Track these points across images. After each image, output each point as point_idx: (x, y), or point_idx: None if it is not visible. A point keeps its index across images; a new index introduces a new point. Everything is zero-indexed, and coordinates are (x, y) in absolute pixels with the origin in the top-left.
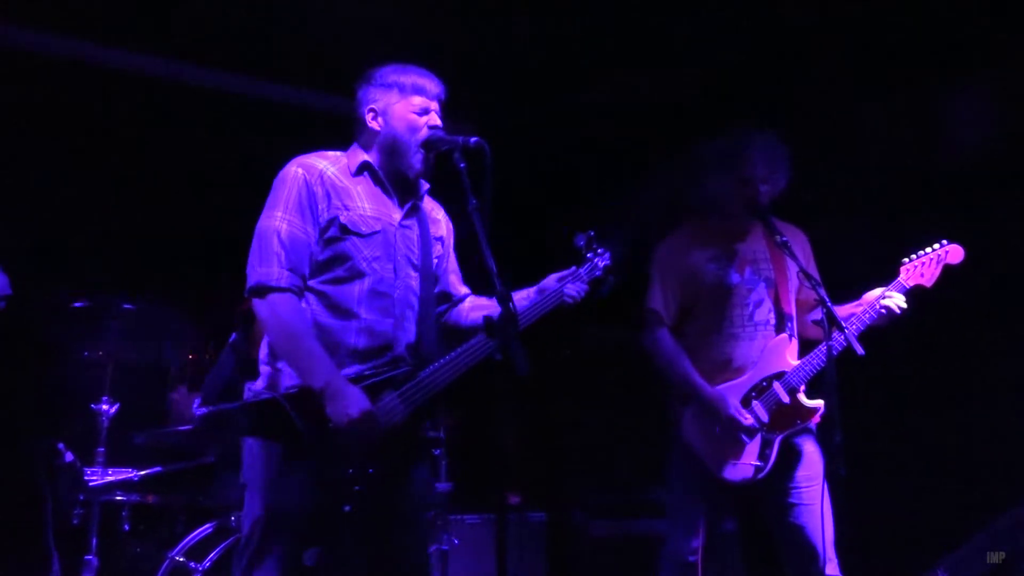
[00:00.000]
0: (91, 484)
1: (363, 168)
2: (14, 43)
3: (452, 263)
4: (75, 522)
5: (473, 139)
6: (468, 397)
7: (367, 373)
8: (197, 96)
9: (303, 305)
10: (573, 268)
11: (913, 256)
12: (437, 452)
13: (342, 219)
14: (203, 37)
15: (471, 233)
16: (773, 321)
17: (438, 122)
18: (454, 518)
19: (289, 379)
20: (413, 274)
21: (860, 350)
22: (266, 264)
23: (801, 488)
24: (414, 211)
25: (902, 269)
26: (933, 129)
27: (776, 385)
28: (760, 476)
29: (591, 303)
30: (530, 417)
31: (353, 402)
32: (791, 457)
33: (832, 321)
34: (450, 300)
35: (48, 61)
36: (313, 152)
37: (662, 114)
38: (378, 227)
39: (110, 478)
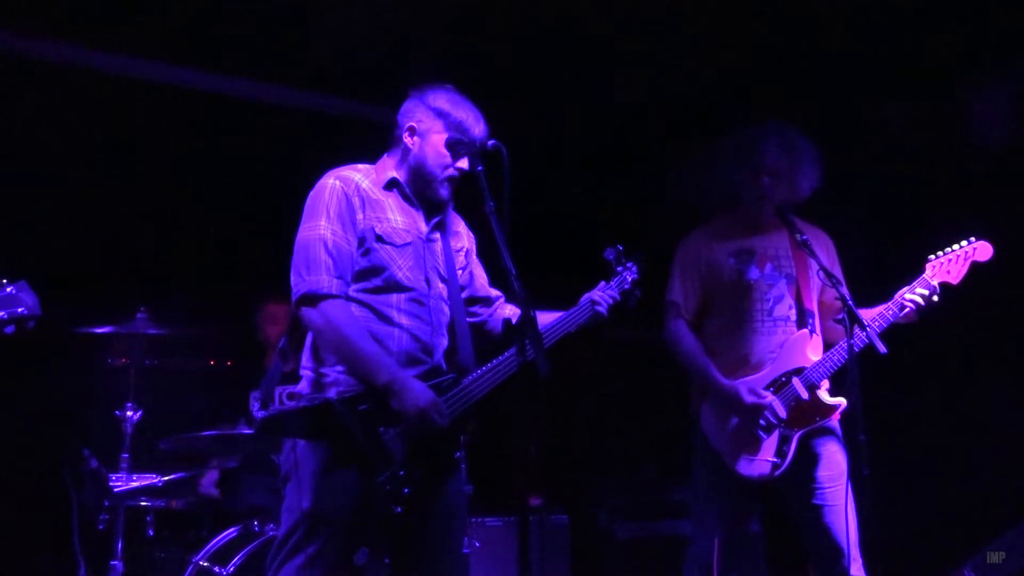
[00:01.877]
0: (116, 490)
1: (392, 184)
2: (40, 56)
3: (479, 270)
4: (100, 527)
5: (491, 142)
6: (489, 399)
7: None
8: (216, 106)
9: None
10: (603, 283)
11: (940, 253)
12: (457, 455)
13: (378, 230)
14: (219, 46)
15: (490, 236)
16: (794, 317)
17: (466, 167)
18: (475, 520)
19: (337, 385)
20: (442, 285)
21: (882, 348)
22: (315, 272)
23: (825, 488)
24: (440, 226)
25: (928, 266)
26: (959, 125)
27: (795, 380)
28: (777, 473)
29: (619, 313)
30: (553, 419)
31: (421, 393)
32: (812, 457)
33: (853, 319)
34: (483, 304)
35: (73, 76)
36: (345, 165)
37: (681, 114)
38: (409, 239)
39: (135, 484)
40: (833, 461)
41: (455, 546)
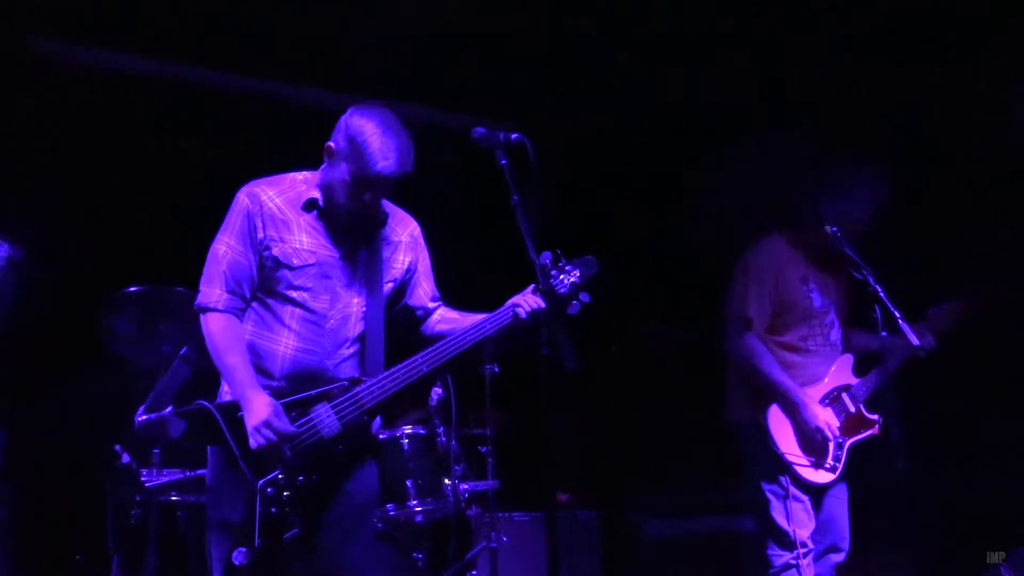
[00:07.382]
0: (147, 485)
1: (311, 205)
2: (72, 56)
3: (420, 277)
4: (133, 523)
5: (514, 135)
6: (516, 394)
7: (289, 389)
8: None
9: (240, 324)
10: (531, 286)
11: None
12: (484, 449)
13: (274, 251)
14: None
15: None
16: (841, 342)
17: (368, 200)
18: (502, 515)
19: (224, 392)
20: (356, 300)
21: (915, 340)
22: (208, 285)
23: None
24: (361, 243)
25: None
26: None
27: (844, 396)
28: (835, 475)
29: (559, 320)
30: (583, 416)
31: (257, 410)
32: None
33: (888, 316)
34: (418, 315)
35: (95, 70)
36: (270, 176)
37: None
38: (312, 260)
39: (164, 479)
40: None
41: (351, 556)
